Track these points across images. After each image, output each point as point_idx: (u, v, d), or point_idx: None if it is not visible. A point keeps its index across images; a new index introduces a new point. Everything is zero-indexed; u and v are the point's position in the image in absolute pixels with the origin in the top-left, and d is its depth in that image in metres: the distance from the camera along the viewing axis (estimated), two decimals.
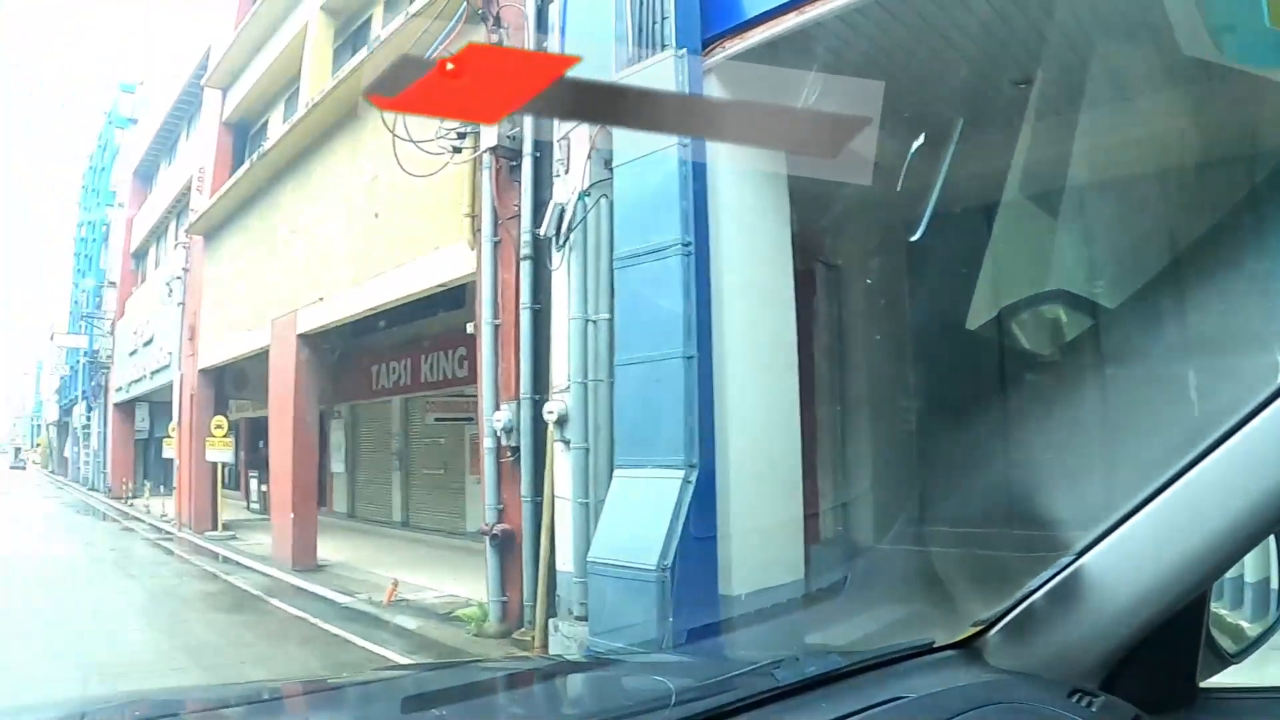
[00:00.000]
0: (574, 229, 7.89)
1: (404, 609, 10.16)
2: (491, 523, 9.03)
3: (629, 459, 6.85)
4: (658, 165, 6.63)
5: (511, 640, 8.36)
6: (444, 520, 17.10)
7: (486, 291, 9.37)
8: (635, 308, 6.94)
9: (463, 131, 9.52)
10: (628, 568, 6.17)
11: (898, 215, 7.51)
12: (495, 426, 8.98)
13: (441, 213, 10.71)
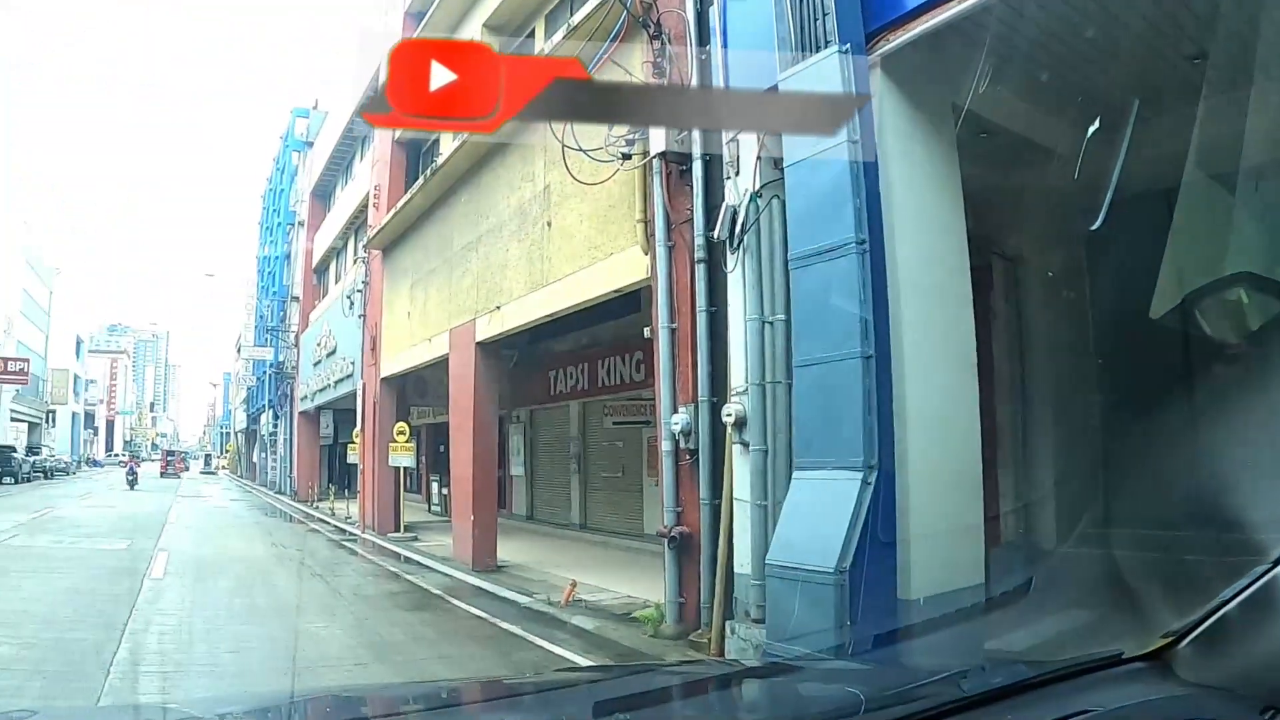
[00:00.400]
0: (747, 231, 7.86)
1: (582, 610, 10.28)
2: (670, 525, 9.06)
3: (808, 460, 6.77)
4: (827, 163, 6.52)
5: (688, 642, 8.36)
6: (621, 522, 17.29)
7: (662, 295, 9.42)
8: (811, 308, 6.85)
9: (631, 138, 9.61)
10: (806, 570, 6.10)
11: (1075, 203, 7.18)
12: (673, 429, 9.00)
13: (614, 219, 10.83)
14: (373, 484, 21.46)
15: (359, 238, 26.52)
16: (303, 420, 38.29)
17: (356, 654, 8.52)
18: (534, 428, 22.30)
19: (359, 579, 13.99)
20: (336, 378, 29.31)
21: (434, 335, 17.37)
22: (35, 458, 52.50)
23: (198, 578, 13.19)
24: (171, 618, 9.91)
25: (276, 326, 45.43)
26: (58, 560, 14.41)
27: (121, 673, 7.31)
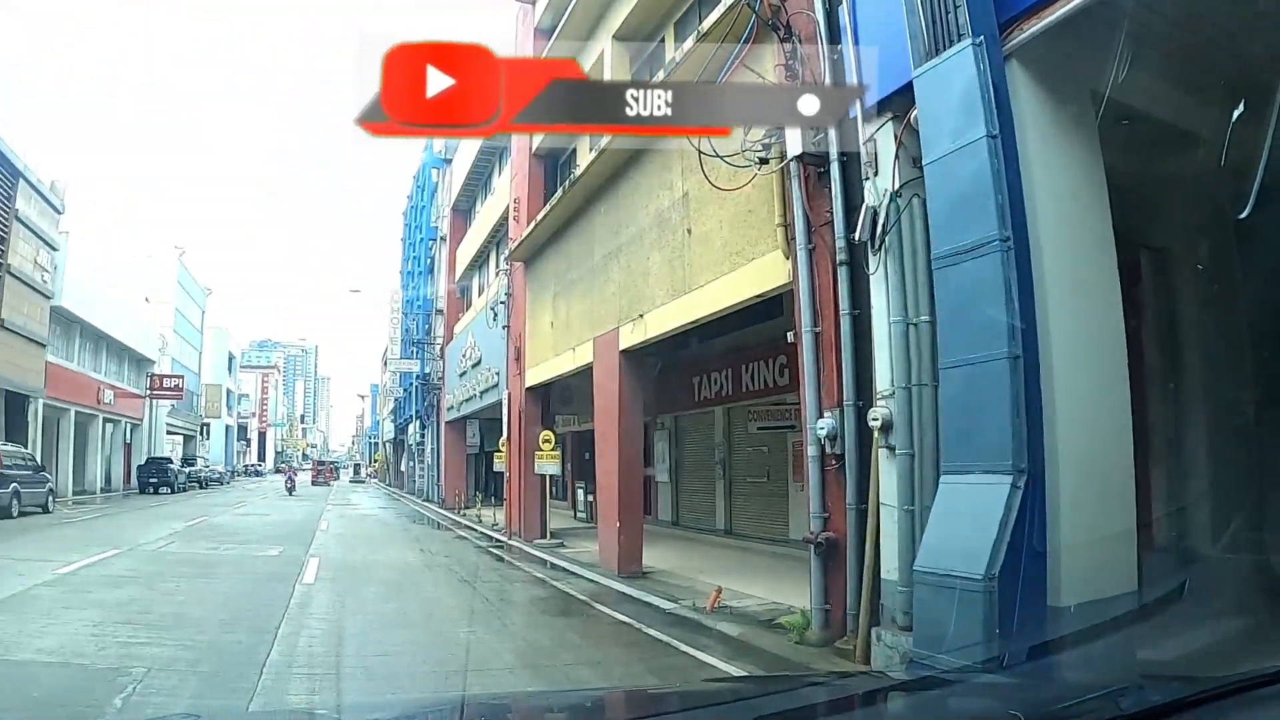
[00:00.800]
0: (888, 231, 7.73)
1: (727, 615, 10.25)
2: (816, 530, 8.96)
3: (955, 465, 6.60)
4: (967, 159, 6.36)
5: (833, 649, 8.24)
6: (767, 528, 17.19)
7: (804, 299, 9.33)
8: (956, 309, 6.69)
9: (767, 142, 9.56)
10: (954, 577, 5.93)
11: (1225, 190, 6.85)
12: (819, 434, 8.91)
13: (753, 224, 10.80)
14: (519, 491, 21.85)
15: (500, 250, 27.08)
16: (449, 429, 39.25)
17: (503, 659, 8.63)
18: (679, 434, 22.34)
19: (505, 585, 14.26)
20: (482, 388, 29.94)
21: (577, 344, 17.59)
22: (190, 469, 55.53)
23: (348, 583, 13.69)
24: (322, 622, 10.30)
25: (422, 339, 46.82)
26: (213, 566, 15.17)
27: (274, 674, 7.63)
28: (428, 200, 49.27)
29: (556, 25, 19.61)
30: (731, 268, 11.35)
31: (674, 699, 3.66)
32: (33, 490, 26.55)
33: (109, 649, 8.36)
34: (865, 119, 7.99)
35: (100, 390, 43.59)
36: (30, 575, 12.84)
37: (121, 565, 14.74)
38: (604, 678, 8.09)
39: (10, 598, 10.98)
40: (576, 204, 17.43)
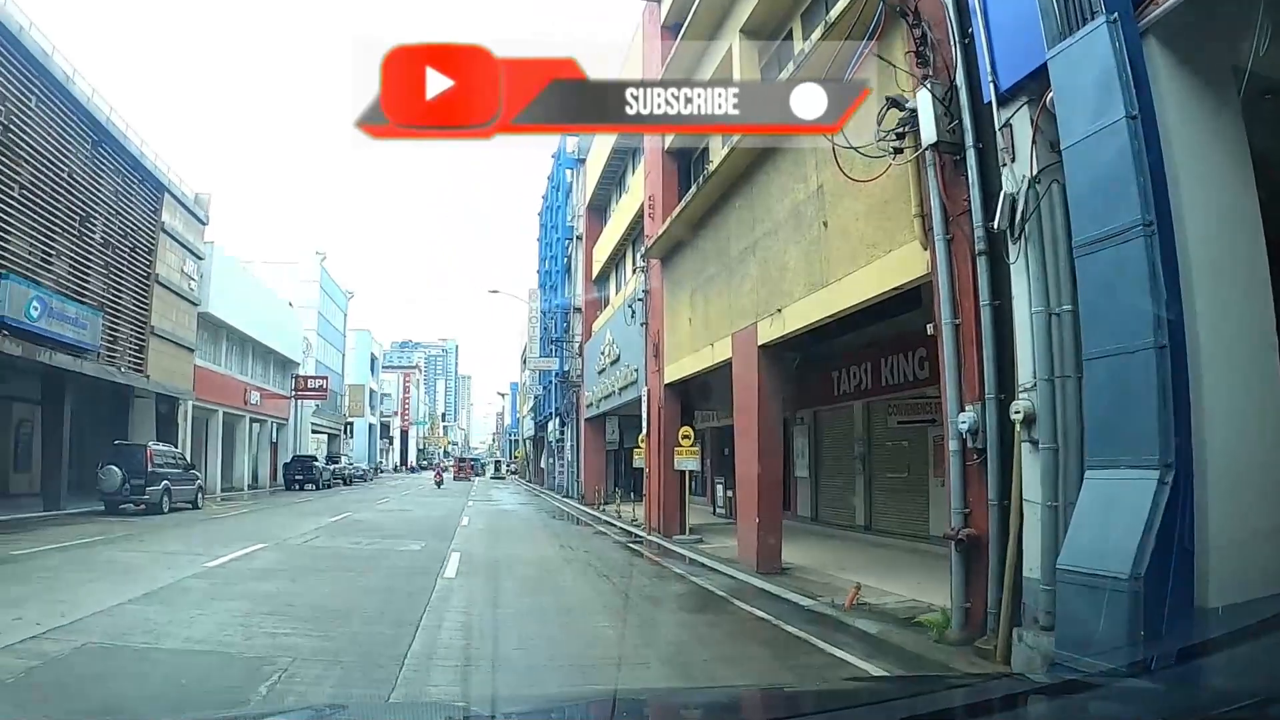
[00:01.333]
0: (1027, 219, 7.49)
1: (865, 613, 10.11)
2: (956, 527, 8.76)
3: (1100, 459, 6.35)
4: (1106, 141, 6.10)
5: (973, 649, 8.02)
6: (906, 524, 16.90)
7: (943, 291, 9.12)
8: (1098, 297, 6.43)
9: (901, 131, 9.37)
10: (1099, 576, 5.71)
11: None
12: (960, 428, 8.71)
13: (890, 215, 10.61)
14: (658, 487, 21.95)
15: (636, 248, 27.24)
16: (588, 426, 39.72)
17: (640, 654, 8.69)
18: (817, 429, 22.16)
19: (644, 580, 14.34)
20: (621, 385, 30.20)
21: (716, 340, 17.58)
22: (334, 466, 57.59)
23: (488, 578, 14.00)
24: (463, 615, 10.55)
25: (560, 337, 47.50)
26: (356, 560, 15.73)
27: (415, 666, 7.85)
28: (563, 200, 50.02)
29: (683, 22, 19.62)
30: (869, 260, 11.17)
31: (811, 698, 3.63)
32: (183, 487, 28.00)
33: (256, 639, 8.76)
34: (1000, 104, 7.78)
35: (247, 392, 45.80)
36: (181, 568, 13.55)
37: (268, 559, 15.43)
38: (741, 675, 8.07)
39: (161, 589, 11.58)
40: (711, 200, 17.44)
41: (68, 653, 7.77)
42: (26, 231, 22.51)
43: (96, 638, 8.47)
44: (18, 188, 21.69)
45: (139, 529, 20.58)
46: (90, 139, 25.68)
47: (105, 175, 26.87)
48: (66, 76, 23.90)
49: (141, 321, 29.97)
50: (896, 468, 17.84)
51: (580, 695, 5.96)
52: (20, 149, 21.78)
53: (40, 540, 16.91)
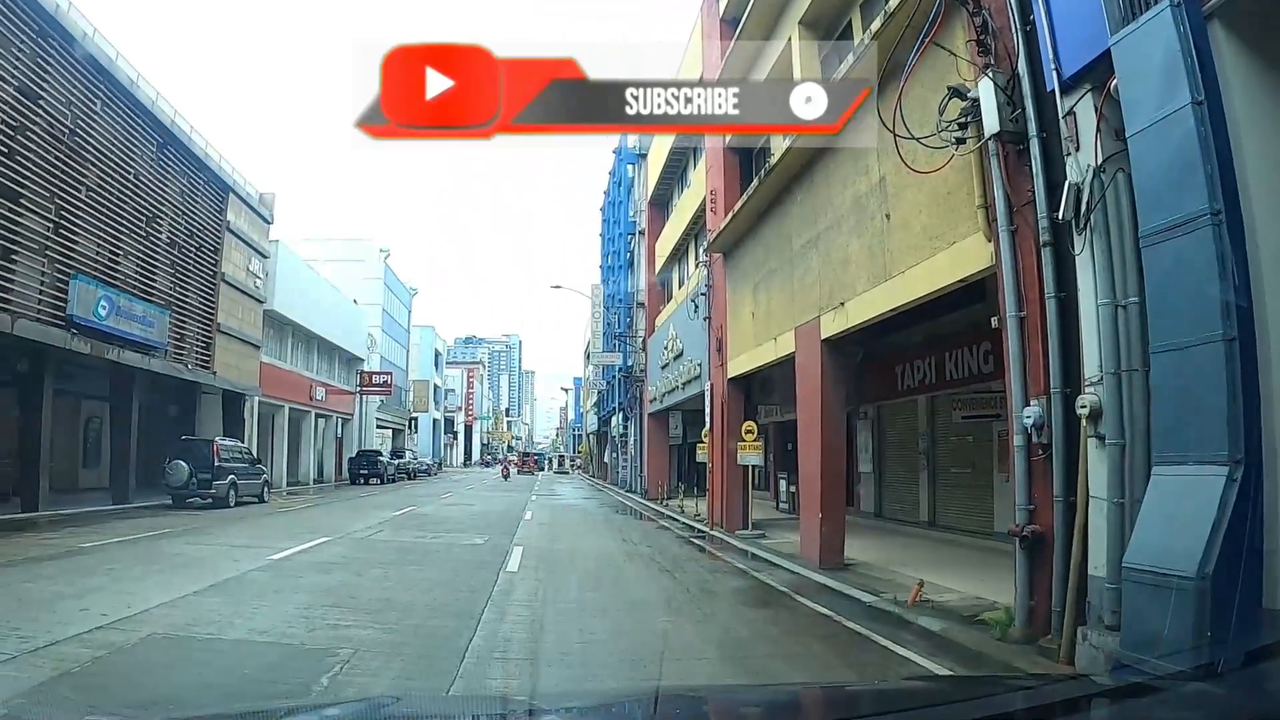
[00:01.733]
0: (1092, 209, 7.33)
1: (928, 610, 9.97)
2: (1021, 524, 8.60)
3: (1167, 455, 6.18)
4: (1172, 128, 5.92)
5: (1037, 648, 7.87)
6: (971, 520, 16.67)
7: (1008, 283, 8.96)
8: (1165, 289, 6.26)
9: (963, 121, 9.22)
10: (1164, 575, 5.56)
11: None
12: (1025, 423, 8.55)
13: (952, 206, 10.46)
14: (720, 482, 21.88)
15: (699, 242, 27.20)
16: (652, 421, 39.74)
17: (701, 649, 8.67)
18: (881, 424, 21.93)
19: (705, 575, 14.27)
20: (684, 379, 30.18)
21: (778, 334, 17.47)
22: (399, 461, 58.19)
23: (550, 572, 14.04)
24: (524, 609, 10.58)
25: (623, 333, 47.59)
26: (420, 553, 15.89)
27: (475, 659, 7.91)
28: (625, 195, 50.14)
29: (741, 15, 19.52)
30: (932, 252, 11.02)
31: (870, 698, 3.58)
32: (249, 481, 28.58)
33: (318, 630, 8.90)
34: (1063, 91, 7.62)
35: (312, 388, 46.57)
36: (245, 561, 13.80)
37: (332, 552, 15.64)
38: (800, 671, 8.00)
39: (226, 581, 11.81)
40: (772, 193, 17.33)
41: (133, 643, 7.95)
42: (94, 232, 23.11)
43: (161, 628, 8.65)
44: (85, 190, 22.26)
45: (205, 522, 21.00)
46: (156, 141, 26.28)
47: (171, 177, 27.52)
48: (131, 81, 24.46)
49: (208, 319, 30.63)
50: (961, 463, 17.60)
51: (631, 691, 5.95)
52: (87, 152, 22.36)
53: (108, 534, 17.33)
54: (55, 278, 21.20)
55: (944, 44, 9.83)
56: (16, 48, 19.13)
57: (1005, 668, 7.55)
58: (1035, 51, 8.19)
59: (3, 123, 18.69)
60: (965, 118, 9.23)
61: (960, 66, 9.56)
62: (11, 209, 19.16)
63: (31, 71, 19.68)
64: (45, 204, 20.50)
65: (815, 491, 14.95)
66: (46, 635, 7.99)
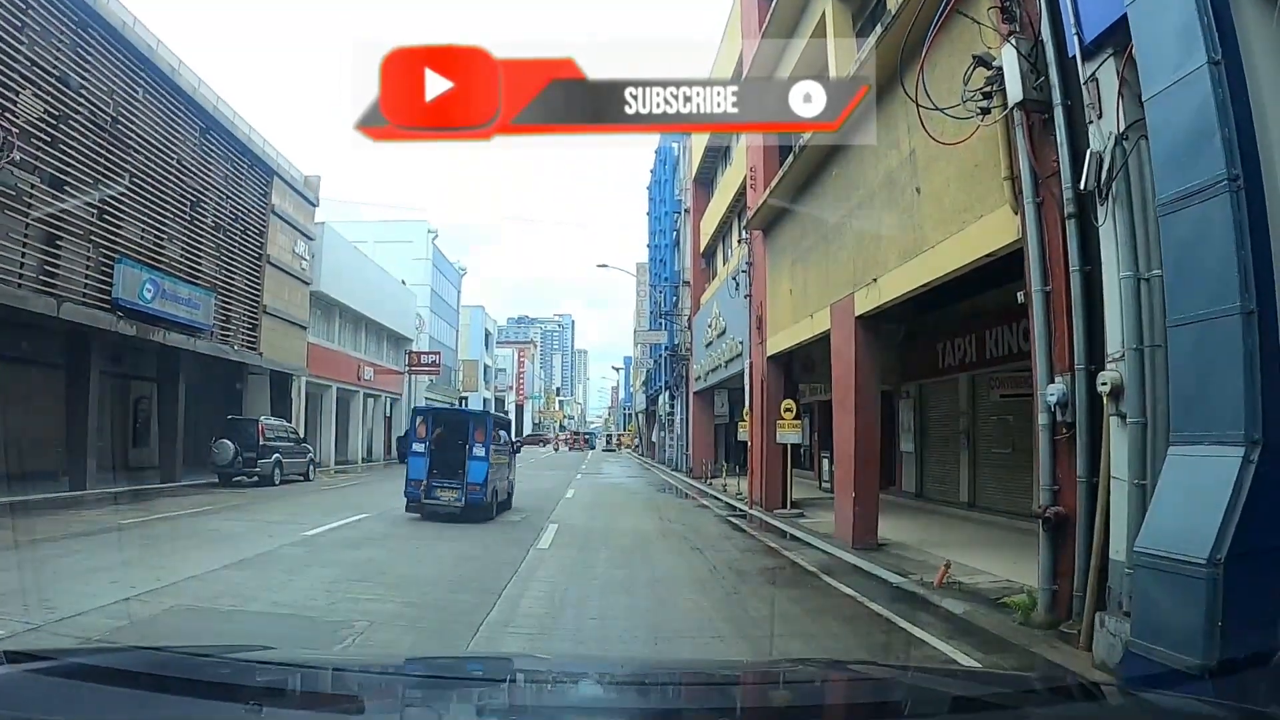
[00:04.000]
0: (1114, 178, 7.05)
1: (954, 592, 9.77)
2: (1045, 504, 8.37)
3: (1183, 434, 5.90)
4: (1188, 91, 5.61)
5: (1057, 633, 7.64)
6: (1009, 501, 16.35)
7: (1033, 257, 8.70)
8: (1182, 259, 5.97)
9: (988, 91, 8.93)
10: (1175, 560, 5.30)
11: None
12: (1049, 401, 8.30)
13: (980, 179, 10.21)
14: (760, 461, 21.74)
15: (741, 220, 26.95)
16: (697, 400, 39.67)
17: (717, 627, 8.60)
18: (923, 403, 21.59)
19: (737, 554, 14.16)
20: (727, 357, 30.06)
21: (815, 311, 17.27)
22: None
23: (581, 548, 14.06)
24: (547, 585, 10.64)
25: (669, 311, 47.41)
26: (454, 530, 15.98)
27: (489, 633, 7.98)
28: (670, 174, 50.03)
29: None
30: (960, 226, 10.78)
31: (805, 683, 3.36)
32: (294, 460, 29.00)
33: (339, 604, 9.00)
34: (1084, 57, 7.34)
35: (360, 367, 46.79)
36: (280, 536, 13.95)
37: (367, 529, 15.79)
38: (811, 650, 7.84)
39: (257, 556, 11.95)
40: (809, 169, 17.09)
41: (156, 614, 8.13)
42: (138, 217, 23.39)
43: (186, 600, 8.83)
44: (128, 176, 22.51)
45: (248, 500, 21.34)
46: (198, 127, 26.50)
47: (214, 161, 27.75)
48: (172, 69, 24.68)
49: (254, 301, 30.91)
50: (1000, 443, 17.25)
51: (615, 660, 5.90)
52: (130, 139, 22.60)
53: (151, 510, 17.62)
54: (100, 262, 21.49)
55: (968, 11, 9.55)
56: (57, 39, 19.38)
57: (1022, 653, 7.35)
58: (1058, 16, 7.90)
59: (46, 112, 18.96)
60: (990, 86, 8.95)
61: (985, 34, 9.27)
62: (57, 196, 19.42)
63: (72, 62, 19.92)
64: (89, 190, 20.75)
65: (850, 471, 14.76)
66: (73, 606, 8.17)
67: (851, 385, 14.84)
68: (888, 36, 11.58)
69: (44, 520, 14.80)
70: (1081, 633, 7.19)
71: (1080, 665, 6.70)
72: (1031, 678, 4.76)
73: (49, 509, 16.84)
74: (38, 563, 10.80)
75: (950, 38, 10.23)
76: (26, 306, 18.37)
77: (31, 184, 18.47)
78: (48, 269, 19.41)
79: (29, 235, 18.88)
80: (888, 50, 11.42)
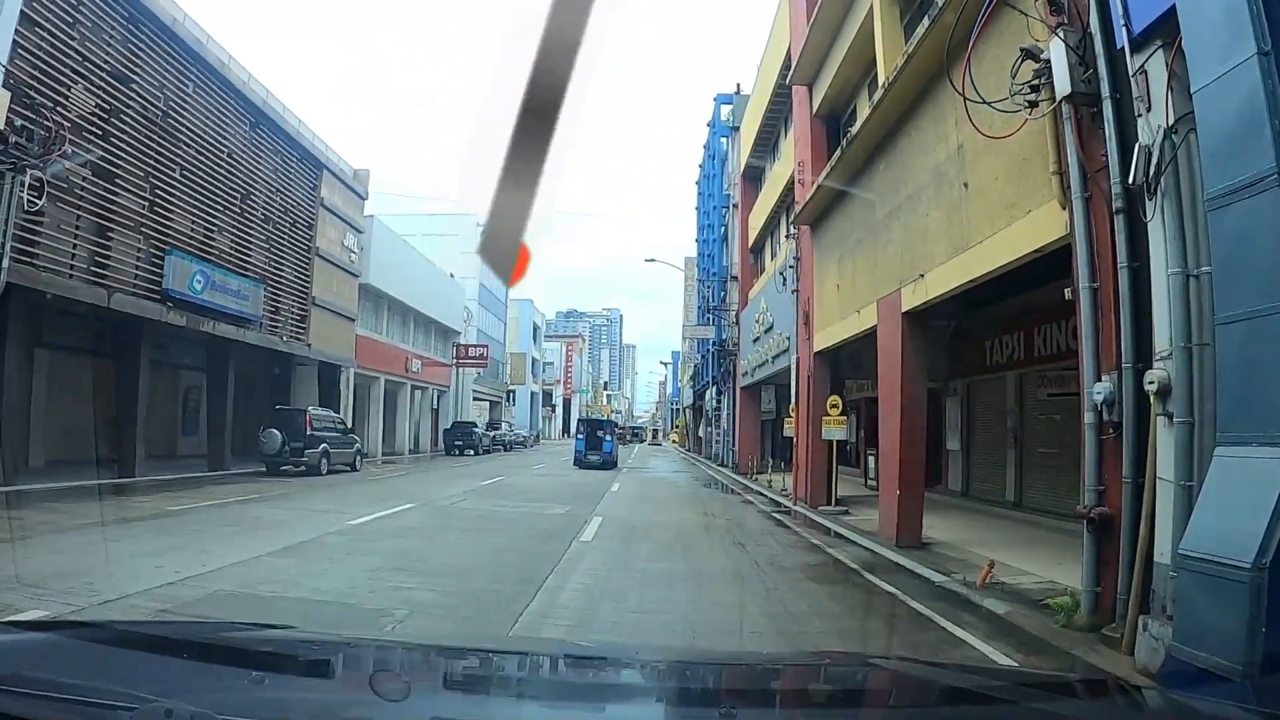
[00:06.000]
0: (1162, 172, 6.89)
1: (997, 592, 9.62)
2: (1089, 505, 8.24)
3: (1230, 435, 5.76)
4: (1237, 82, 5.46)
5: (1100, 636, 7.49)
6: (1057, 501, 16.06)
7: (1081, 252, 8.55)
8: (1231, 255, 5.82)
9: (1035, 84, 8.79)
10: (1218, 563, 5.17)
11: None
12: (1095, 399, 8.17)
13: (1028, 173, 10.07)
14: (806, 457, 21.61)
15: (789, 215, 26.82)
16: (744, 395, 39.58)
17: (756, 622, 8.52)
18: (970, 401, 21.30)
19: (779, 550, 14.05)
20: (774, 353, 29.93)
21: (862, 307, 17.14)
22: (494, 432, 59.03)
23: (624, 542, 14.05)
24: (588, 577, 10.63)
25: (717, 306, 47.35)
26: (498, 522, 16.07)
27: (527, 623, 8.01)
28: (719, 168, 50.08)
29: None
30: (1008, 222, 10.63)
31: (834, 681, 3.31)
32: (341, 451, 29.40)
33: (379, 592, 9.10)
34: (1133, 49, 7.18)
35: (408, 359, 47.22)
36: (324, 525, 14.15)
37: (411, 519, 15.96)
38: (850, 648, 7.76)
39: (301, 544, 12.14)
40: (857, 163, 16.97)
41: (199, 598, 8.26)
42: (189, 210, 23.86)
43: (229, 585, 8.97)
44: (179, 169, 22.99)
45: (294, 489, 21.64)
46: (248, 120, 26.95)
47: (264, 154, 28.23)
48: (222, 64, 25.11)
49: (303, 293, 31.36)
50: (1048, 442, 16.97)
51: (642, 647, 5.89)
52: (180, 133, 23.06)
53: (199, 498, 17.94)
54: (151, 254, 21.93)
55: (1015, 3, 9.41)
56: (108, 35, 19.79)
57: (1062, 656, 7.22)
58: (1106, 8, 7.75)
59: (98, 106, 19.35)
60: (1038, 80, 8.82)
61: (1033, 26, 9.12)
62: (108, 188, 19.82)
63: (123, 57, 20.35)
64: (140, 183, 21.19)
65: (894, 468, 14.62)
66: (117, 590, 8.37)
67: (898, 382, 14.70)
68: (934, 29, 11.44)
69: (92, 506, 15.09)
70: (1124, 636, 7.05)
71: (1121, 669, 6.58)
72: (1069, 677, 4.68)
73: (98, 495, 17.16)
74: (84, 547, 11.06)
75: (998, 29, 10.09)
76: (77, 297, 18.78)
77: (83, 177, 18.82)
78: (99, 260, 19.86)
79: (80, 227, 19.31)
80: (934, 43, 11.29)
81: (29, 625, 2.56)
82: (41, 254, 17.70)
